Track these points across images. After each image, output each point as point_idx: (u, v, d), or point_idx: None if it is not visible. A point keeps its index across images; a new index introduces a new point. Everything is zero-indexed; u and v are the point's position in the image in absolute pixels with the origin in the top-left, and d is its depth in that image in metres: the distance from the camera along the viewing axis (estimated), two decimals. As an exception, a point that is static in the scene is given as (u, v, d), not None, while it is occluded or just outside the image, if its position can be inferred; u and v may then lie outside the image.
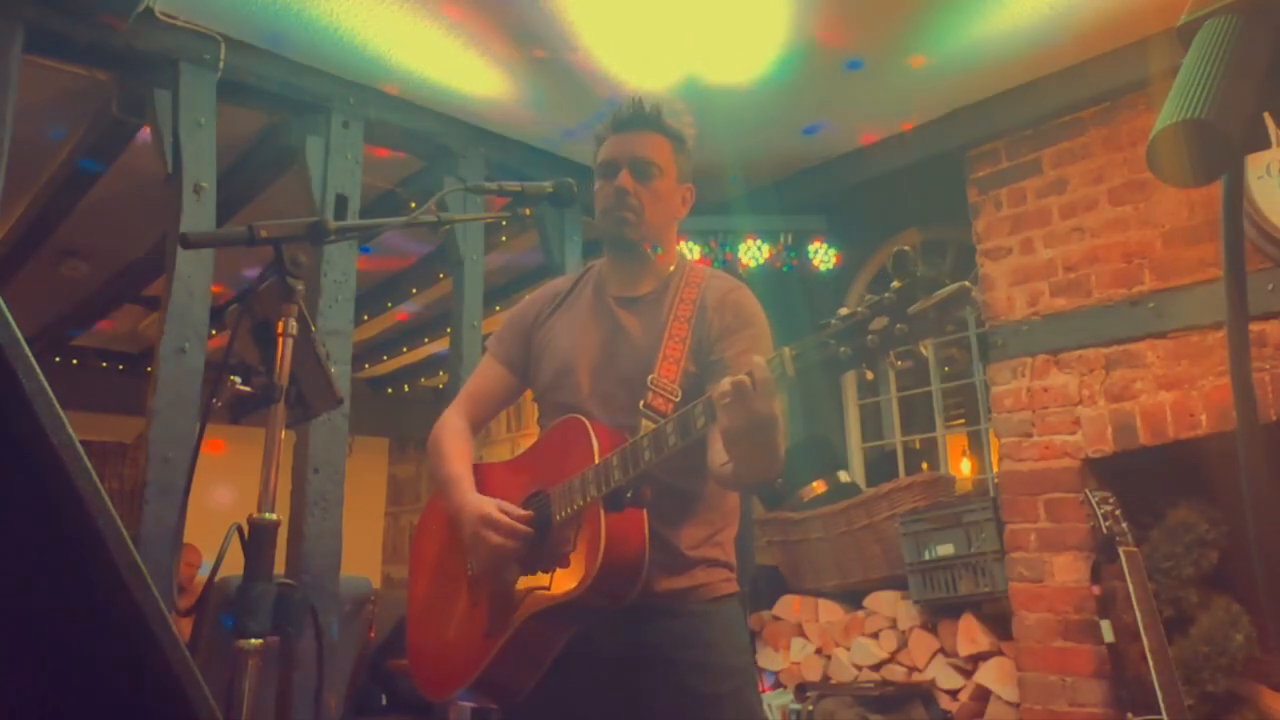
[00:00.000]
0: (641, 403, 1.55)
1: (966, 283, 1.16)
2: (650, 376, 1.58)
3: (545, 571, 1.54)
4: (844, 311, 1.22)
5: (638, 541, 1.47)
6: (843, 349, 1.21)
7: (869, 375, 1.22)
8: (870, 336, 1.19)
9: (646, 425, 1.51)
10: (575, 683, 1.56)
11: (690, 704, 1.53)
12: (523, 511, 1.58)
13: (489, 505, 1.58)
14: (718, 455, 1.48)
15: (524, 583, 1.57)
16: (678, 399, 1.56)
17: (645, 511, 1.48)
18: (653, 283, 1.74)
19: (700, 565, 1.61)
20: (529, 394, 1.88)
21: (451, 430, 1.79)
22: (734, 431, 1.33)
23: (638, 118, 1.72)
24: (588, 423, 1.56)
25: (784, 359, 1.28)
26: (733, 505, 1.71)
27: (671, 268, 1.76)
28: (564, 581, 1.49)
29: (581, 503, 1.49)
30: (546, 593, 1.51)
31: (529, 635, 1.54)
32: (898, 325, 1.17)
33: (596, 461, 1.49)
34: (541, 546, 1.56)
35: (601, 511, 1.46)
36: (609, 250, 1.78)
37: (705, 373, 1.61)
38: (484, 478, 1.72)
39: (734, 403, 1.29)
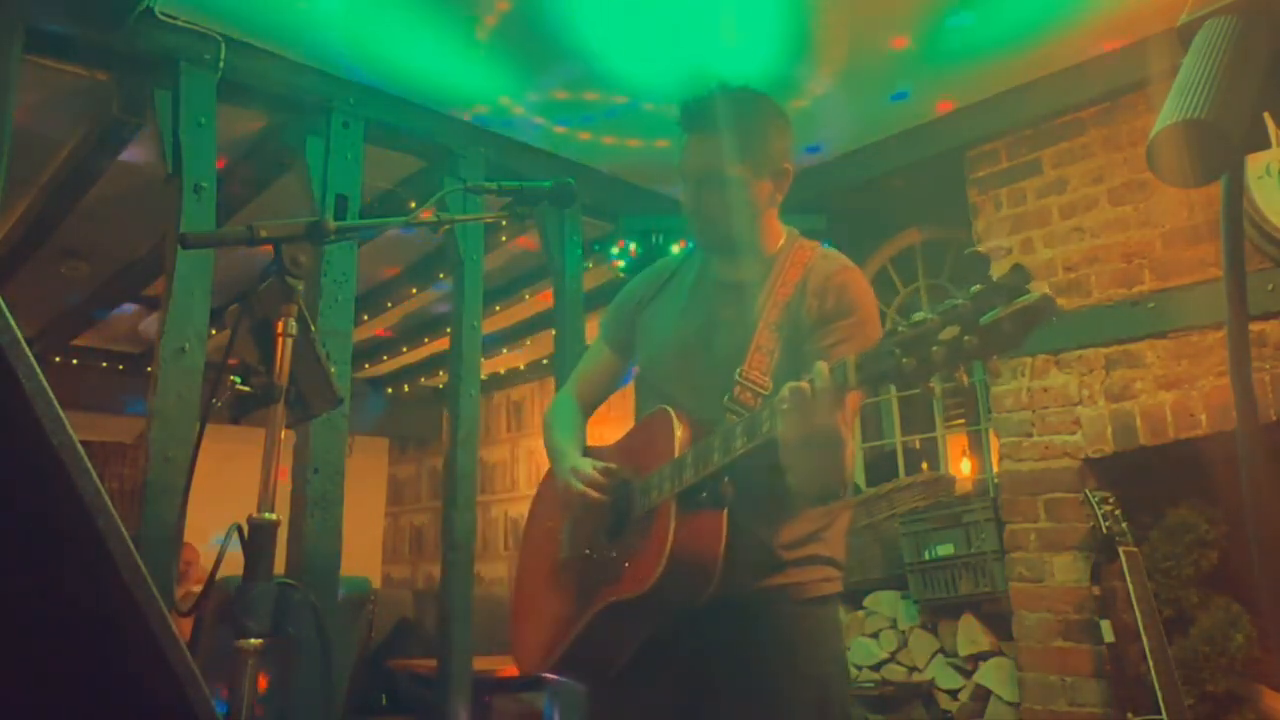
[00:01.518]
0: (727, 397, 1.49)
1: (1048, 291, 1.03)
2: (739, 369, 1.50)
3: (622, 563, 1.51)
4: (916, 317, 1.12)
5: (711, 543, 1.40)
6: (906, 360, 1.11)
7: (936, 391, 1.11)
8: (936, 348, 1.08)
9: (731, 420, 1.45)
10: (658, 675, 1.54)
11: (759, 702, 1.48)
12: (609, 466, 1.57)
13: (582, 460, 1.60)
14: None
15: (605, 573, 1.55)
16: (768, 392, 1.47)
17: (725, 513, 1.41)
18: (755, 266, 1.64)
19: (795, 565, 1.54)
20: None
21: (562, 407, 1.80)
22: (791, 442, 1.26)
23: (701, 119, 1.61)
24: (674, 415, 1.51)
25: (847, 368, 1.20)
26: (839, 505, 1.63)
27: (778, 246, 1.67)
28: (633, 577, 1.46)
29: (657, 498, 1.46)
30: (616, 587, 1.49)
31: (600, 627, 1.52)
32: (966, 337, 1.05)
33: (676, 456, 1.45)
34: (623, 539, 1.53)
35: (673, 510, 1.41)
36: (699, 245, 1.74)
37: (801, 363, 1.48)
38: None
39: (792, 411, 1.23)
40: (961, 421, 4.59)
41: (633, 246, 4.08)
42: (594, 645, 1.56)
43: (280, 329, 1.33)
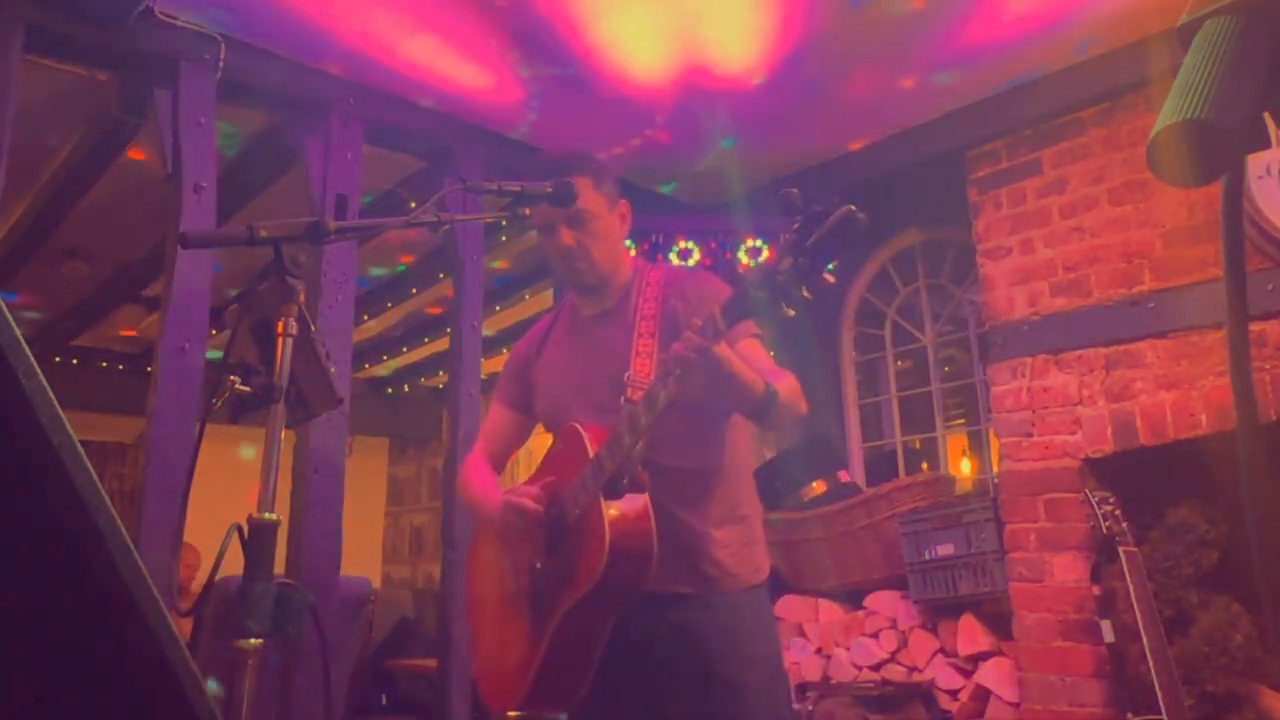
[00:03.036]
0: (621, 398, 1.65)
1: (852, 206, 1.27)
2: (626, 374, 1.69)
3: (570, 567, 1.63)
4: (758, 261, 1.38)
5: (642, 523, 1.57)
6: (760, 293, 1.34)
7: (790, 313, 1.34)
8: (780, 276, 1.31)
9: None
10: (612, 671, 1.66)
11: (716, 689, 1.63)
12: (533, 489, 1.71)
13: (506, 496, 1.73)
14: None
15: (556, 584, 1.66)
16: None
17: (646, 495, 1.59)
18: (616, 293, 1.87)
19: (728, 548, 1.71)
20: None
21: (471, 464, 1.98)
22: (697, 395, 1.46)
23: (564, 165, 1.80)
24: (580, 426, 1.69)
25: (715, 318, 1.41)
26: (747, 477, 1.84)
27: (629, 275, 1.89)
28: (583, 575, 1.59)
29: (585, 499, 1.60)
30: (572, 589, 1.61)
31: (567, 633, 1.63)
32: (800, 259, 1.30)
33: (590, 457, 1.61)
34: (564, 547, 1.66)
35: (602, 501, 1.57)
36: (572, 288, 1.93)
37: None
38: None
39: (685, 371, 1.43)
40: (961, 421, 4.60)
41: (631, 247, 4.09)
42: (562, 657, 1.66)
43: (280, 329, 1.33)
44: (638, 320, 1.77)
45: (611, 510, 1.56)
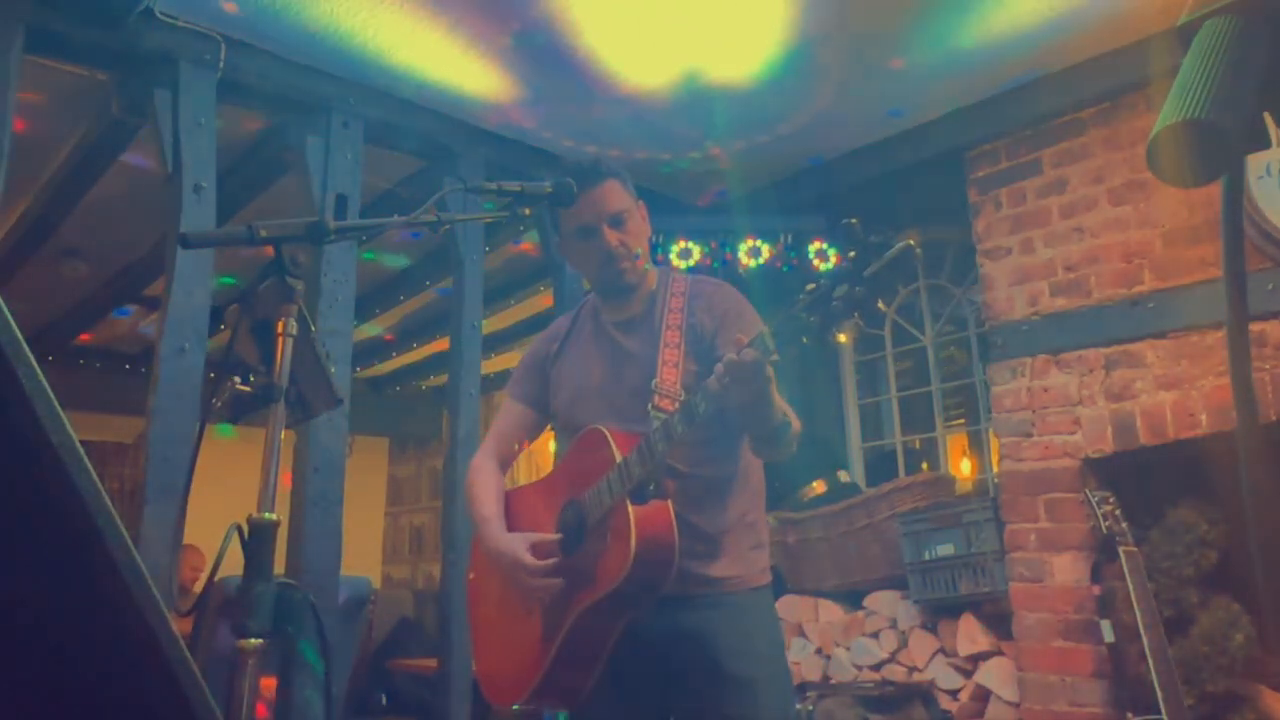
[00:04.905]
0: (649, 406, 1.67)
1: (910, 242, 1.34)
2: (654, 380, 1.71)
3: (591, 567, 1.64)
4: (810, 286, 1.41)
5: (666, 529, 1.60)
6: (812, 318, 1.40)
7: (840, 338, 1.40)
8: (834, 302, 1.38)
9: (656, 421, 1.63)
10: (620, 668, 1.68)
11: (726, 685, 1.65)
12: (550, 538, 1.71)
13: (519, 548, 1.70)
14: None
15: (573, 584, 1.67)
16: (682, 398, 1.67)
17: (670, 502, 1.61)
18: (642, 302, 1.88)
19: (735, 552, 1.74)
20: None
21: (480, 472, 1.94)
22: (734, 408, 1.49)
23: (594, 172, 1.82)
24: (606, 430, 1.70)
25: (765, 337, 1.44)
26: (757, 484, 1.86)
27: (654, 283, 1.90)
28: (605, 576, 1.61)
29: (610, 502, 1.62)
30: (591, 590, 1.63)
31: (581, 632, 1.65)
32: (855, 288, 1.37)
33: (618, 461, 1.62)
34: (581, 549, 1.68)
35: (629, 505, 1.59)
36: (604, 293, 1.91)
37: (710, 365, 1.71)
38: (519, 500, 1.88)
39: (731, 381, 1.45)
40: (961, 421, 4.59)
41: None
42: (574, 656, 1.67)
43: (280, 329, 1.33)
44: (664, 330, 1.78)
45: (637, 515, 1.58)
